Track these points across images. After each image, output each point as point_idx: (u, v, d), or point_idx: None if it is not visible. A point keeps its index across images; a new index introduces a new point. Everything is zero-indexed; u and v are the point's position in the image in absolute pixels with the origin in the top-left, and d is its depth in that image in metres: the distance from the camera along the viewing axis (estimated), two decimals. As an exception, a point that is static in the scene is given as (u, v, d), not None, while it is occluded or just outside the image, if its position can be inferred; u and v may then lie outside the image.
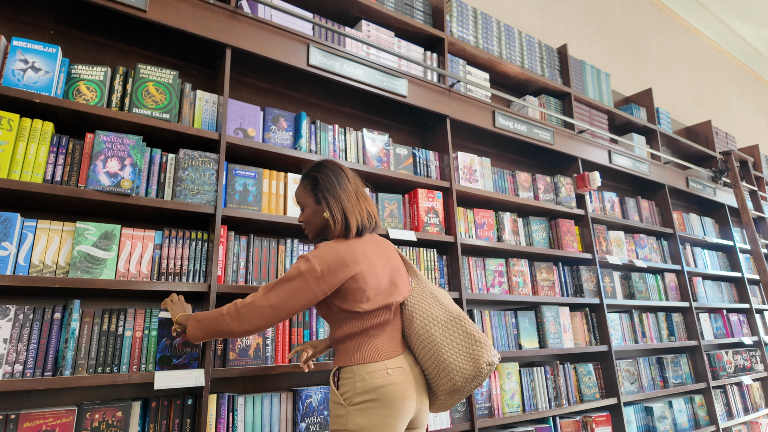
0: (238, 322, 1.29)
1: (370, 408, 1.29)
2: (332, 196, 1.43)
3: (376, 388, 1.30)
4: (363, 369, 1.32)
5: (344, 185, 1.45)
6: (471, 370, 1.35)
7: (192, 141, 1.78)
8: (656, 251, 3.53)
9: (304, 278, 1.30)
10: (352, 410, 1.29)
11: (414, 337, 1.43)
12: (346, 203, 1.42)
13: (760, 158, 4.99)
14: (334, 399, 1.34)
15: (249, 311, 1.29)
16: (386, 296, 1.40)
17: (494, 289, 2.50)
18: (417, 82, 2.39)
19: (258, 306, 1.29)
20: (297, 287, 1.30)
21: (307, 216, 1.48)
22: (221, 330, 1.32)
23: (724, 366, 3.65)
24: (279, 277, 1.35)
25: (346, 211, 1.41)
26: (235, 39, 1.87)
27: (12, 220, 1.39)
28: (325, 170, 1.47)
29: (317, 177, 1.46)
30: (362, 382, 1.30)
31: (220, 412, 1.59)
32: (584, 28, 4.28)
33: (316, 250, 1.35)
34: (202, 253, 1.68)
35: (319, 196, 1.44)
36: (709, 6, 5.64)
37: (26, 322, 1.38)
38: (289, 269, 1.33)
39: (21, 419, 1.31)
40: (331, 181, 1.45)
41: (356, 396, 1.30)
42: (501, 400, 2.34)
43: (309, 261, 1.31)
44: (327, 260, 1.32)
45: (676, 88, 5.21)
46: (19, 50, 1.50)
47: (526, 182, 2.85)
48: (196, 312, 1.40)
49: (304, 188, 1.49)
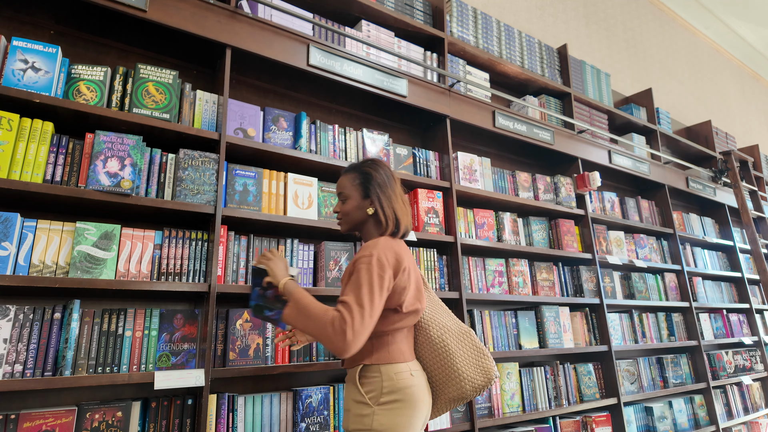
0: (352, 344, 1.20)
1: (396, 408, 1.29)
2: (384, 194, 1.45)
3: (402, 388, 1.31)
4: (390, 369, 1.32)
5: (393, 187, 1.49)
6: (481, 381, 1.45)
7: (192, 141, 1.78)
8: (656, 251, 3.53)
9: (379, 270, 1.29)
10: (378, 410, 1.28)
11: (428, 346, 1.46)
12: (395, 204, 1.46)
13: (760, 158, 4.99)
14: (357, 398, 1.32)
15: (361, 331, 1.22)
16: (417, 301, 1.43)
17: (494, 289, 2.50)
18: (417, 82, 2.39)
19: (365, 322, 1.23)
20: (378, 283, 1.28)
21: (349, 208, 1.48)
22: (322, 339, 1.24)
23: (724, 366, 3.65)
24: (354, 283, 1.29)
25: (397, 211, 1.45)
26: (235, 39, 1.87)
27: (12, 220, 1.39)
28: (378, 168, 1.49)
29: (370, 173, 1.48)
30: (389, 382, 1.31)
31: (220, 412, 1.59)
32: (584, 28, 4.28)
33: (372, 247, 1.33)
34: (202, 253, 1.68)
35: (369, 192, 1.46)
36: (709, 6, 5.64)
37: (26, 322, 1.38)
38: (360, 272, 1.29)
39: (21, 419, 1.31)
40: (383, 179, 1.47)
41: (383, 396, 1.29)
42: (501, 400, 2.34)
43: (372, 255, 1.31)
44: (387, 253, 1.33)
45: (676, 88, 5.21)
46: (19, 50, 1.50)
47: (526, 182, 2.85)
48: (299, 291, 1.32)
49: (352, 181, 1.49)
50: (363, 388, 1.32)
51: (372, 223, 1.48)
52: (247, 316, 1.72)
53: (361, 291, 1.26)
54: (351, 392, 1.36)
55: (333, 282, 1.94)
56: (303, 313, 1.26)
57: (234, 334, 1.68)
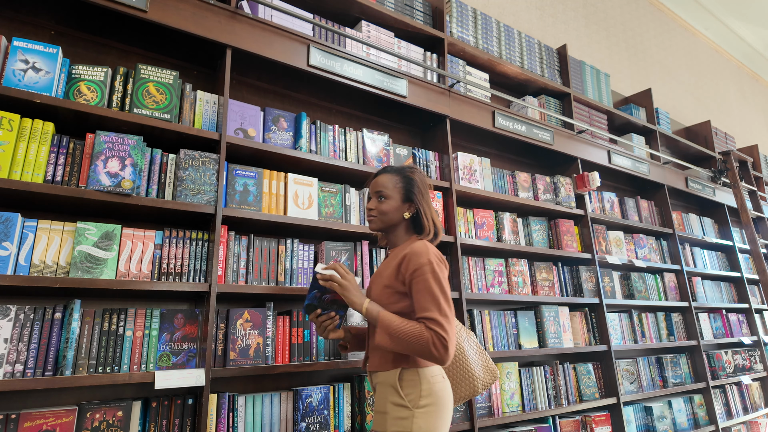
0: (452, 354, 1.29)
1: (433, 412, 1.32)
2: (425, 200, 1.50)
3: (437, 392, 1.35)
4: (427, 372, 1.36)
5: (428, 195, 1.53)
6: (489, 379, 1.56)
7: (192, 141, 1.78)
8: (655, 251, 3.53)
9: (443, 274, 1.36)
10: (417, 413, 1.30)
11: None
12: (432, 210, 1.52)
13: (760, 158, 4.99)
14: (397, 401, 1.33)
15: (454, 338, 1.31)
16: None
17: (494, 289, 2.50)
18: (417, 82, 2.40)
19: (454, 328, 1.32)
20: (447, 286, 1.36)
21: (387, 208, 1.49)
22: (422, 356, 1.30)
23: (724, 366, 3.66)
24: (429, 294, 1.32)
25: (434, 218, 1.51)
26: (235, 39, 1.87)
27: (13, 220, 1.40)
28: (420, 176, 1.54)
29: (413, 178, 1.52)
30: (427, 386, 1.34)
31: (220, 412, 1.59)
32: (584, 29, 4.28)
33: (426, 253, 1.37)
34: (202, 253, 1.68)
35: (412, 196, 1.49)
36: (708, 6, 5.64)
37: (27, 322, 1.38)
38: (429, 281, 1.33)
39: (21, 419, 1.31)
40: (425, 187, 1.53)
41: (421, 399, 1.32)
42: (501, 400, 2.34)
43: (432, 262, 1.35)
44: (438, 255, 1.40)
45: (676, 88, 5.22)
46: (20, 50, 1.50)
47: (526, 182, 2.86)
48: (384, 315, 1.34)
49: (395, 183, 1.51)
50: (403, 391, 1.34)
51: (404, 226, 1.51)
52: (247, 315, 1.72)
53: (440, 301, 1.31)
54: (389, 395, 1.36)
55: (333, 282, 1.94)
56: (396, 337, 1.30)
57: (234, 333, 1.69)
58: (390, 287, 1.41)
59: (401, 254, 1.41)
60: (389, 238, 1.55)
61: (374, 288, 1.47)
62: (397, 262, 1.40)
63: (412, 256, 1.37)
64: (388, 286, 1.41)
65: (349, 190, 2.12)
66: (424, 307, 1.32)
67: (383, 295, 1.42)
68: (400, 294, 1.40)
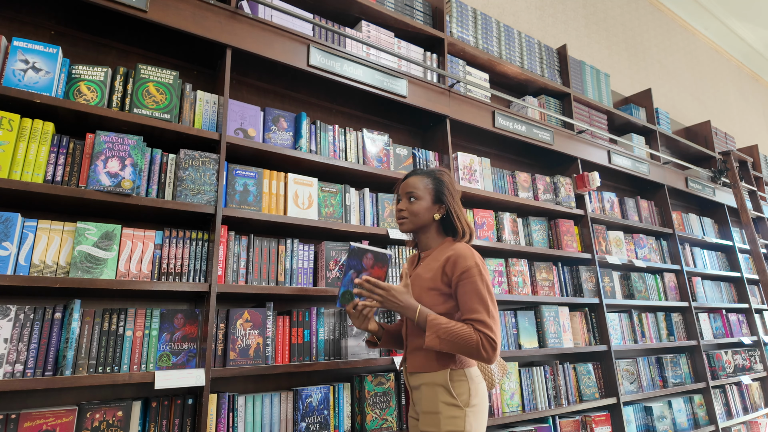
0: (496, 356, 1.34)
1: (480, 411, 1.38)
2: (456, 202, 1.53)
3: (482, 391, 1.41)
4: (473, 372, 1.41)
5: (458, 197, 1.56)
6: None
7: (192, 141, 1.78)
8: (655, 251, 3.53)
9: (487, 275, 1.41)
10: (468, 412, 1.34)
11: None
12: (464, 214, 1.55)
13: (759, 158, 4.99)
14: (449, 400, 1.35)
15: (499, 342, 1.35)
16: None
17: (494, 289, 2.50)
18: (417, 82, 2.40)
19: (498, 333, 1.36)
20: (491, 287, 1.40)
21: (418, 209, 1.51)
22: (472, 357, 1.35)
23: (724, 366, 3.66)
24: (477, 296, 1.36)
25: (466, 219, 1.54)
26: (235, 39, 1.87)
27: (13, 220, 1.40)
28: (450, 179, 1.57)
29: (443, 180, 1.54)
30: (474, 386, 1.39)
31: (220, 412, 1.59)
32: (584, 29, 4.28)
33: (470, 256, 1.41)
34: (202, 253, 1.68)
35: (443, 198, 1.52)
36: (708, 6, 5.65)
37: (27, 322, 1.38)
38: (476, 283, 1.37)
39: (21, 419, 1.31)
40: (454, 189, 1.55)
41: (471, 398, 1.36)
42: (501, 400, 2.34)
43: (478, 264, 1.40)
44: (481, 258, 1.44)
45: (676, 88, 5.22)
46: (20, 50, 1.50)
47: (526, 182, 2.86)
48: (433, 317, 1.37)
49: (425, 184, 1.53)
50: (455, 390, 1.36)
51: (435, 228, 1.54)
52: (247, 315, 1.72)
53: (487, 303, 1.36)
54: (440, 395, 1.37)
55: (333, 282, 1.94)
56: (446, 339, 1.33)
57: (234, 333, 1.69)
58: (435, 289, 1.43)
59: (443, 256, 1.44)
60: (420, 239, 1.57)
61: (414, 290, 1.48)
62: (441, 264, 1.43)
63: (458, 258, 1.40)
64: (432, 288, 1.43)
65: (349, 190, 2.12)
66: (472, 309, 1.35)
67: (428, 297, 1.44)
68: (445, 296, 1.43)
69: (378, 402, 1.93)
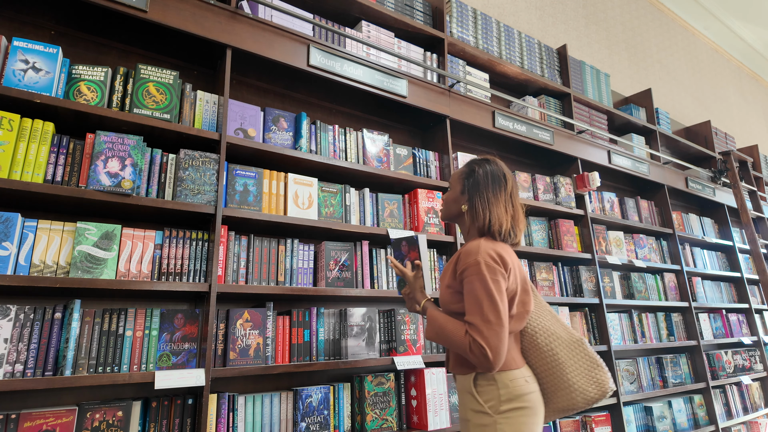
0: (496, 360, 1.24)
1: (518, 416, 1.27)
2: (479, 193, 1.42)
3: (521, 395, 1.29)
4: (504, 376, 1.30)
5: (496, 190, 1.42)
6: (595, 393, 1.35)
7: (192, 141, 1.78)
8: (655, 251, 3.53)
9: (490, 275, 1.28)
10: (500, 419, 1.26)
11: (536, 353, 1.41)
12: (494, 206, 1.40)
13: (759, 158, 4.99)
14: (476, 407, 1.30)
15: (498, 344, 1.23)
16: (523, 304, 1.39)
17: (494, 289, 2.50)
18: (417, 82, 2.40)
19: (499, 334, 1.24)
20: (495, 286, 1.27)
21: (448, 198, 1.52)
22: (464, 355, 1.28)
23: (724, 366, 3.66)
24: (472, 298, 1.28)
25: (491, 213, 1.40)
26: (235, 39, 1.87)
27: (13, 220, 1.40)
28: (487, 168, 1.45)
29: (476, 170, 1.45)
30: (505, 390, 1.28)
31: (220, 412, 1.59)
32: (584, 29, 4.28)
33: (475, 253, 1.31)
34: (202, 253, 1.68)
35: (467, 188, 1.45)
36: (708, 7, 5.65)
37: (27, 322, 1.38)
38: (473, 283, 1.28)
39: (21, 419, 1.31)
40: (484, 178, 1.43)
41: (502, 404, 1.27)
42: (501, 400, 2.34)
43: (479, 262, 1.29)
44: (491, 254, 1.31)
45: (676, 88, 5.22)
46: (20, 50, 1.50)
47: (526, 182, 2.86)
48: (432, 313, 1.37)
49: (460, 174, 1.49)
50: (481, 397, 1.29)
51: (468, 221, 1.46)
52: (247, 315, 1.72)
53: (482, 306, 1.25)
54: (468, 402, 1.33)
55: (333, 282, 1.95)
56: (441, 336, 1.31)
57: (234, 333, 1.69)
58: (451, 287, 1.37)
59: (458, 252, 1.39)
60: (462, 234, 1.52)
61: (440, 288, 1.46)
62: (454, 260, 1.38)
63: (463, 254, 1.34)
64: (449, 285, 1.38)
65: (349, 190, 2.12)
66: (468, 310, 1.28)
67: (446, 294, 1.39)
68: (459, 294, 1.35)
69: (378, 402, 1.93)
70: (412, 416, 2.02)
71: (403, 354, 2.01)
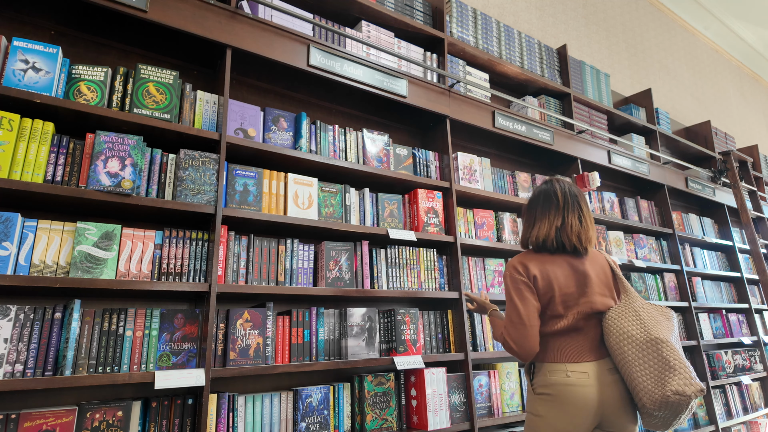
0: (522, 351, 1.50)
1: (546, 400, 1.50)
2: (527, 214, 1.68)
3: (553, 384, 1.50)
4: (546, 367, 1.54)
5: (539, 205, 1.64)
6: (658, 394, 1.38)
7: (192, 141, 1.78)
8: (655, 251, 3.53)
9: (512, 284, 1.55)
10: (535, 397, 1.54)
11: (611, 352, 1.54)
12: (530, 221, 1.65)
13: (759, 158, 5.00)
14: (528, 386, 1.60)
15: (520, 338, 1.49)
16: (571, 305, 1.54)
17: (494, 289, 2.50)
18: (417, 82, 2.40)
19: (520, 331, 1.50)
20: (516, 294, 1.53)
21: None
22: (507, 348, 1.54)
23: (724, 366, 3.66)
24: (506, 301, 1.58)
25: (532, 228, 1.63)
26: (235, 39, 1.87)
27: (13, 220, 1.40)
28: (541, 189, 1.67)
29: (534, 192, 1.69)
30: (543, 377, 1.53)
31: (220, 412, 1.59)
32: (584, 29, 4.28)
33: (507, 266, 1.62)
34: (202, 253, 1.68)
35: (523, 211, 1.72)
36: (708, 7, 5.65)
37: (27, 322, 1.38)
38: (505, 291, 1.60)
39: (21, 419, 1.31)
40: (535, 201, 1.66)
41: (538, 387, 1.54)
42: (500, 400, 2.34)
43: (505, 275, 1.60)
44: (515, 266, 1.57)
45: (676, 88, 5.22)
46: (20, 50, 1.50)
47: (526, 182, 2.86)
48: (492, 318, 1.72)
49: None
50: (532, 379, 1.58)
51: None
52: (247, 315, 1.72)
53: (508, 309, 1.54)
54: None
55: (333, 282, 1.95)
56: (495, 334, 1.65)
57: (234, 333, 1.69)
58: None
59: None
60: None
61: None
62: None
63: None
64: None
65: (349, 190, 2.12)
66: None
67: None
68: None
69: (378, 402, 1.93)
70: (412, 416, 2.02)
71: (403, 354, 2.01)
